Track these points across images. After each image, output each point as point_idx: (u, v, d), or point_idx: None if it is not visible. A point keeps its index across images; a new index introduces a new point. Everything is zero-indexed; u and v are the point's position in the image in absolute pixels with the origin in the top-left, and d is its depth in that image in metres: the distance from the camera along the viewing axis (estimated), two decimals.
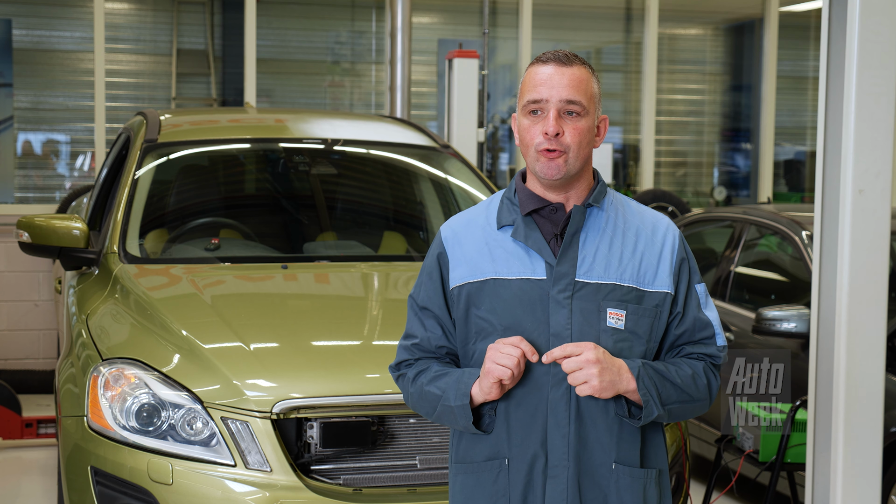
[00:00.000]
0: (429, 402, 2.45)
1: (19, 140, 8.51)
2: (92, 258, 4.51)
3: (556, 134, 2.36)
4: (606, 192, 2.48)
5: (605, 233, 2.42)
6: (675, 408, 2.40)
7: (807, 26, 10.35)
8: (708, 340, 2.49)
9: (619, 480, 2.39)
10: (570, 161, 2.38)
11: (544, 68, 2.40)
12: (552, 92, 2.37)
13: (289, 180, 5.23)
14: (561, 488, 2.37)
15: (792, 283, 5.74)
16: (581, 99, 2.38)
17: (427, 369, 2.48)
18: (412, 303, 2.54)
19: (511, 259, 2.41)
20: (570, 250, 2.39)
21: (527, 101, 2.40)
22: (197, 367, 3.56)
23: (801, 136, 10.50)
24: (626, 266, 2.41)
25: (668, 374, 2.39)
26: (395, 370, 2.56)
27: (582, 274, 2.38)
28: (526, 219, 2.42)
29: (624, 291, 2.39)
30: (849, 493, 3.58)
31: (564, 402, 2.37)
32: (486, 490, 2.43)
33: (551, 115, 2.36)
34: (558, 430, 2.37)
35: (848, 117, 3.53)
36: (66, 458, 3.65)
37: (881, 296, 3.57)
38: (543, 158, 2.37)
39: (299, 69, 9.31)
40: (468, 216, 2.54)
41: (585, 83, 2.39)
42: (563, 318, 2.36)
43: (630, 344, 2.39)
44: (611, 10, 9.82)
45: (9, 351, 7.67)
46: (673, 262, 2.45)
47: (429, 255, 2.54)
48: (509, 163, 9.72)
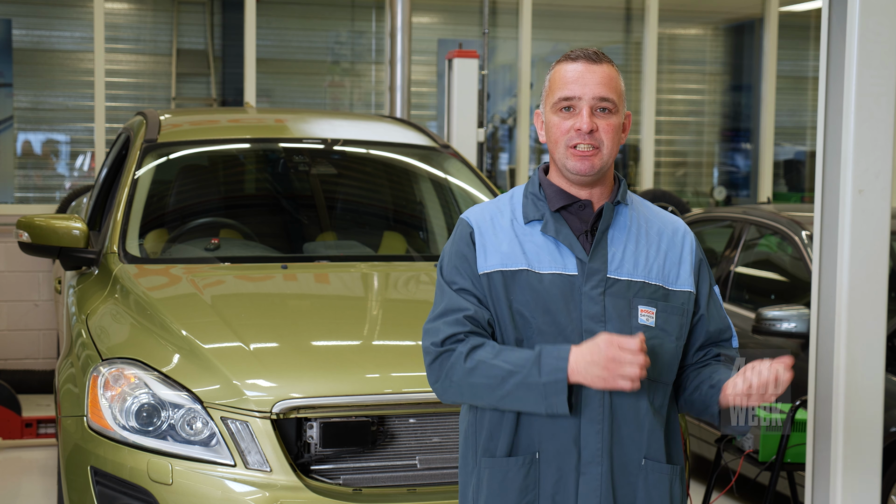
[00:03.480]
0: (493, 377, 2.32)
1: (19, 140, 8.51)
2: (92, 258, 4.51)
3: (590, 131, 2.37)
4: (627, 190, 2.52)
5: (631, 231, 2.46)
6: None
7: (807, 26, 10.35)
8: (728, 341, 2.56)
9: (648, 476, 2.40)
10: (605, 157, 2.40)
11: (574, 66, 2.41)
12: (585, 89, 2.39)
13: (289, 180, 5.23)
14: (595, 484, 2.36)
15: (792, 283, 5.74)
16: (613, 96, 2.40)
17: (485, 344, 2.36)
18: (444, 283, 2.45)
19: (542, 253, 2.42)
20: (600, 247, 2.41)
21: (558, 98, 2.41)
22: (197, 367, 3.56)
23: (801, 136, 10.50)
24: (652, 264, 2.44)
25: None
26: (439, 346, 2.38)
27: (613, 270, 2.40)
28: (555, 214, 2.44)
29: (652, 289, 2.42)
30: (849, 493, 3.57)
31: (598, 397, 2.36)
32: (515, 484, 2.40)
33: (585, 112, 2.38)
34: (592, 425, 2.36)
35: (848, 117, 3.53)
36: (66, 458, 3.65)
37: (881, 296, 3.57)
38: (576, 155, 2.39)
39: (299, 69, 9.31)
40: (493, 208, 2.51)
41: (615, 81, 2.42)
42: (596, 314, 2.37)
43: (661, 341, 2.41)
44: (611, 10, 9.82)
45: (9, 351, 7.67)
46: (693, 262, 2.49)
47: (456, 242, 2.47)
48: (509, 163, 9.71)
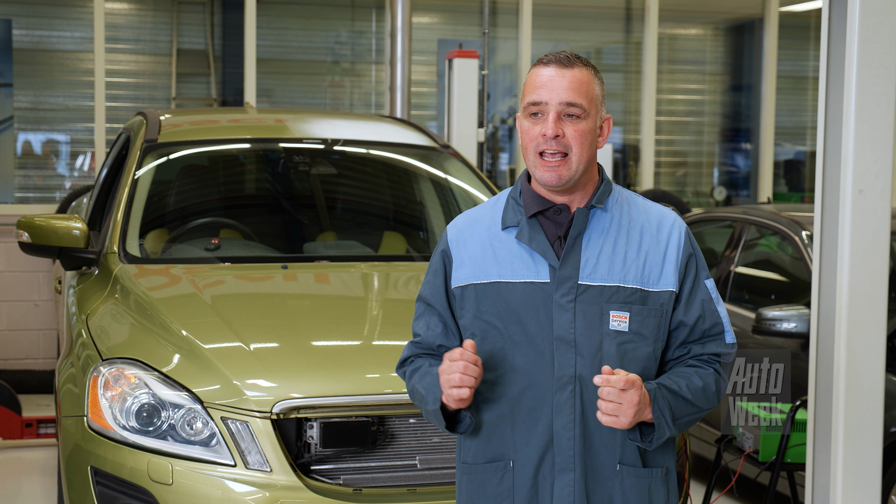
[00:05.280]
0: (418, 401, 2.47)
1: (19, 140, 8.51)
2: (92, 258, 4.51)
3: (554, 136, 2.35)
4: (611, 190, 2.46)
5: (609, 234, 2.41)
6: (685, 421, 2.40)
7: (807, 26, 10.35)
8: (717, 337, 2.46)
9: (623, 481, 2.40)
10: (573, 166, 2.37)
11: (545, 70, 2.39)
12: (552, 94, 2.36)
13: (289, 180, 5.23)
14: (568, 490, 2.37)
15: (792, 283, 5.74)
16: (581, 101, 2.36)
17: (420, 367, 2.49)
18: (419, 301, 2.56)
19: (515, 261, 2.41)
20: (572, 253, 2.38)
21: (527, 103, 2.40)
22: (197, 367, 3.56)
23: (801, 136, 10.50)
24: (629, 267, 2.39)
25: (680, 392, 2.37)
26: (399, 368, 2.58)
27: (585, 277, 2.37)
28: (530, 220, 2.42)
29: (629, 293, 2.38)
30: (849, 493, 3.58)
31: (570, 404, 2.37)
32: (490, 491, 2.43)
33: (550, 118, 2.35)
34: (565, 432, 2.37)
35: (848, 117, 3.53)
36: (66, 458, 3.65)
37: (881, 296, 3.57)
38: (543, 165, 2.37)
39: (299, 69, 9.31)
40: (474, 215, 2.53)
41: (586, 85, 2.38)
42: (566, 322, 2.36)
43: (636, 345, 2.38)
44: (611, 10, 9.82)
45: (9, 351, 7.67)
46: (679, 258, 2.43)
47: (435, 254, 2.54)
48: (509, 163, 9.72)
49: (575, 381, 2.36)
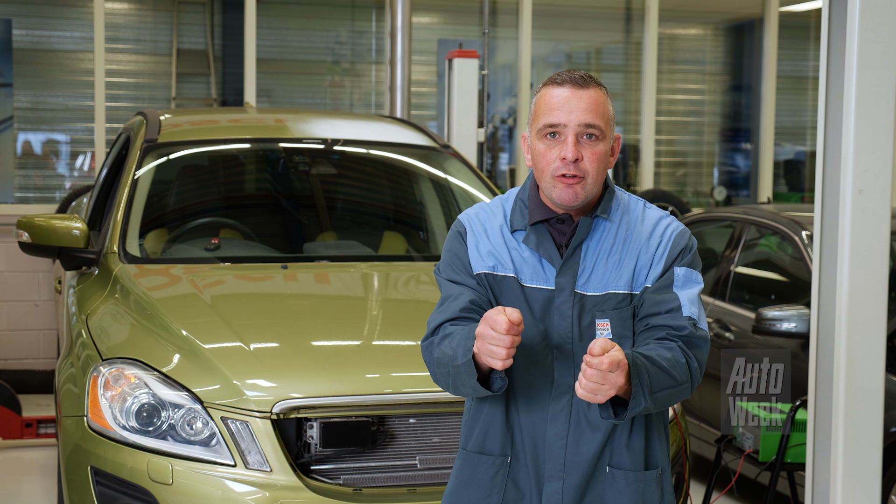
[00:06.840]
0: (444, 364, 2.34)
1: (19, 140, 8.51)
2: (92, 258, 4.51)
3: (574, 160, 2.31)
4: (615, 198, 2.45)
5: (607, 243, 2.41)
6: (662, 395, 2.30)
7: (807, 26, 10.35)
8: (674, 311, 2.37)
9: (615, 483, 2.40)
10: (588, 187, 2.35)
11: (560, 91, 2.34)
12: (570, 116, 2.32)
13: (289, 180, 5.23)
14: (556, 497, 2.39)
15: (792, 283, 5.74)
16: (599, 122, 2.33)
17: (451, 333, 2.36)
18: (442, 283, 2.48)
19: (525, 266, 2.41)
20: (571, 262, 2.39)
21: (543, 125, 2.35)
22: (197, 367, 3.56)
23: (801, 136, 10.50)
24: (622, 274, 2.39)
25: (655, 359, 2.28)
26: (427, 336, 2.42)
27: (581, 286, 2.38)
28: (536, 227, 2.41)
29: (619, 298, 2.39)
30: (849, 493, 3.58)
31: (565, 414, 2.39)
32: (482, 481, 2.44)
33: (570, 140, 2.32)
34: (557, 440, 2.39)
35: (848, 117, 3.53)
36: (66, 458, 3.65)
37: (881, 296, 3.57)
38: (561, 185, 2.33)
39: (299, 69, 9.31)
40: (487, 209, 2.50)
41: (602, 106, 2.35)
42: (564, 330, 2.37)
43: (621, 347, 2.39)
44: (611, 10, 9.82)
45: (9, 351, 7.67)
46: (667, 259, 2.41)
47: (451, 240, 2.49)
48: (509, 163, 9.72)
49: (572, 390, 2.37)
